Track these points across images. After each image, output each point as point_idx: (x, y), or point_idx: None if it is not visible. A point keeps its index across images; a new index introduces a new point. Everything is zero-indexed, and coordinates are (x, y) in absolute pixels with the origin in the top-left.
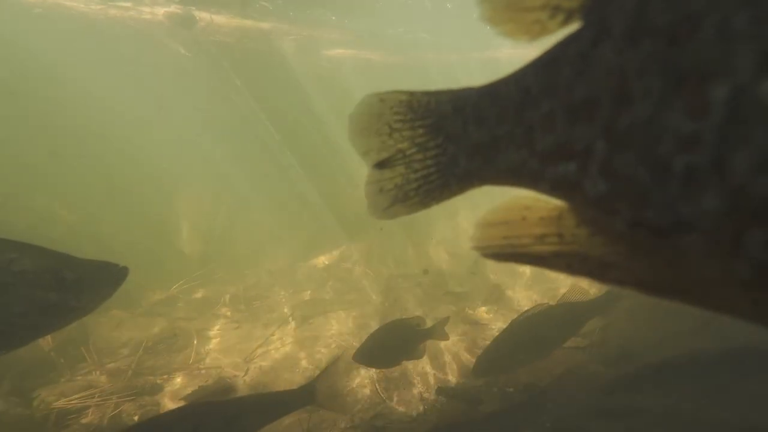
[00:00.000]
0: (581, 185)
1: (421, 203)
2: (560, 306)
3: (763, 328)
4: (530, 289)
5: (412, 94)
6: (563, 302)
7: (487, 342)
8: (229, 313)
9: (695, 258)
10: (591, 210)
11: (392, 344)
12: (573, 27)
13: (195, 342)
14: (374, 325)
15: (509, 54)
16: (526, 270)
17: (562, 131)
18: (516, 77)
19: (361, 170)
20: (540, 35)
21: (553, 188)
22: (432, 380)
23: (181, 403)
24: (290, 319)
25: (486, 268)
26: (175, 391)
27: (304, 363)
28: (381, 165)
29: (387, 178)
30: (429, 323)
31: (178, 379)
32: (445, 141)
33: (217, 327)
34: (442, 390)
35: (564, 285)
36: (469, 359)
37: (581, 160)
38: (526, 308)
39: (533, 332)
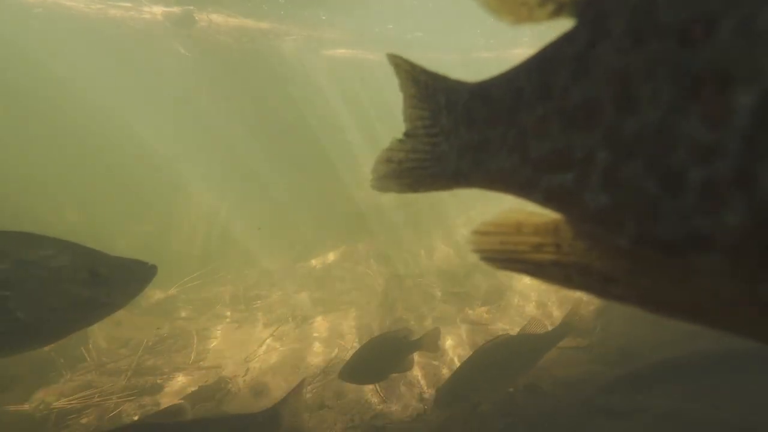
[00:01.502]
0: (580, 197)
1: (410, 186)
2: (520, 336)
3: None
4: (529, 289)
5: (413, 68)
6: (523, 333)
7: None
8: (229, 313)
9: (710, 277)
10: (590, 223)
11: (378, 360)
12: (563, 20)
13: (195, 342)
14: (374, 325)
15: (519, 54)
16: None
17: (559, 138)
18: (508, 77)
19: (363, 170)
20: (526, 21)
21: (547, 198)
22: (432, 380)
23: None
24: (290, 319)
25: (485, 268)
26: (175, 391)
27: (303, 363)
28: (406, 135)
29: (398, 149)
30: (420, 331)
31: (178, 379)
32: (440, 133)
33: (217, 327)
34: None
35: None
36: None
37: (580, 169)
38: (525, 309)
39: (494, 363)
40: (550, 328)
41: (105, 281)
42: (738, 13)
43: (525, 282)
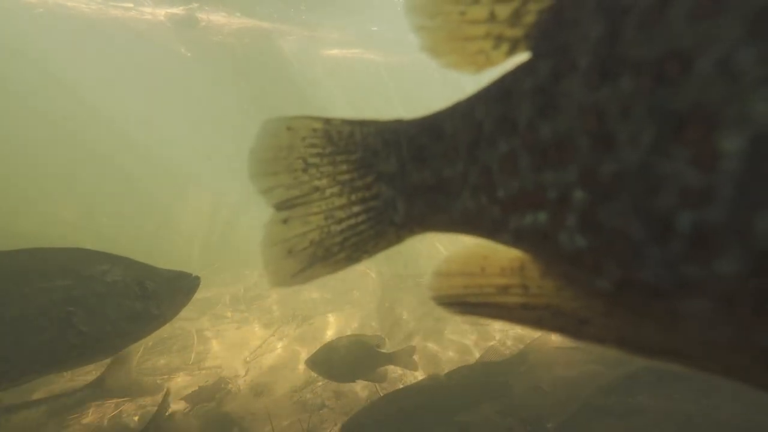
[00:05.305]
0: (554, 238)
1: (348, 258)
2: (478, 365)
3: None
4: None
5: (328, 121)
6: (481, 362)
7: (490, 342)
8: (229, 314)
9: (698, 322)
10: (565, 265)
11: (345, 359)
12: (519, 58)
13: (195, 342)
14: (374, 326)
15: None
16: None
17: (529, 176)
18: (461, 111)
19: None
20: (485, 67)
21: (517, 239)
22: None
23: (182, 404)
24: (290, 319)
25: None
26: (175, 391)
27: (304, 363)
28: (287, 207)
29: (298, 233)
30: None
31: (179, 379)
32: (377, 181)
33: (217, 327)
34: None
35: None
36: (468, 360)
37: (554, 210)
38: None
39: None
40: (508, 354)
41: (154, 294)
42: (714, 51)
43: None
